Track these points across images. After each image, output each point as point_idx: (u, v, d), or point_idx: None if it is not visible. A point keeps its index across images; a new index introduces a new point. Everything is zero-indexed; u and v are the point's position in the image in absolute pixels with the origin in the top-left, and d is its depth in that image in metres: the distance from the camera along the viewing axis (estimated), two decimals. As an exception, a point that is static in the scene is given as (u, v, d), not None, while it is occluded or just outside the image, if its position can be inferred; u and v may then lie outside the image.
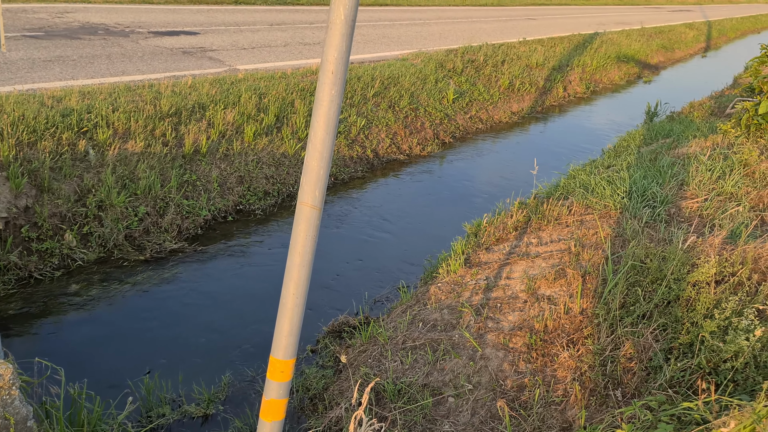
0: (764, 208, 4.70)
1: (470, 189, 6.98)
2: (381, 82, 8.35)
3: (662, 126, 8.63)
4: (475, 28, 16.63)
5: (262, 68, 8.26)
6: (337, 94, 1.37)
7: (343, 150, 6.88)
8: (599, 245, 4.10)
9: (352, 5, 1.32)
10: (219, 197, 5.44)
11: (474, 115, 9.52)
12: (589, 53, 15.14)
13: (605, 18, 27.01)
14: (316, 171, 1.40)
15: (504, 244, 4.75)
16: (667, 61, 19.64)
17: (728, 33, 32.40)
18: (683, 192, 4.95)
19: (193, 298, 4.31)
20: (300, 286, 1.46)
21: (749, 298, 3.07)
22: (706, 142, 6.58)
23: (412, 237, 5.63)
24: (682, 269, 3.29)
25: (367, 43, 11.86)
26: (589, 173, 5.91)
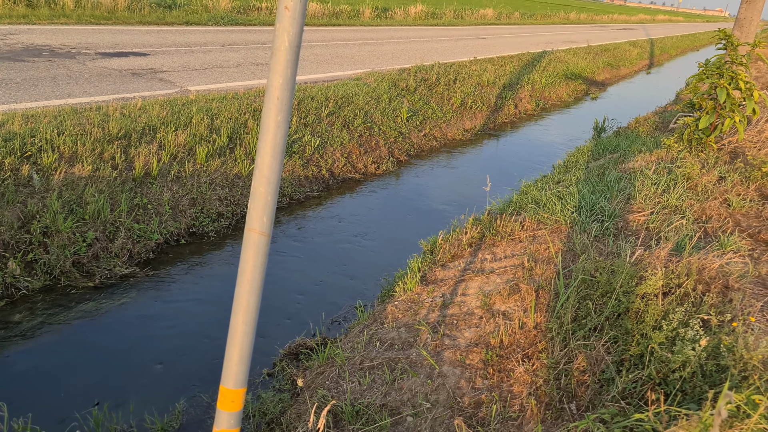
0: (707, 220, 4.87)
1: (426, 206, 7.04)
2: (335, 102, 8.37)
3: (609, 141, 8.88)
4: (427, 48, 16.86)
5: (214, 89, 8.20)
6: (283, 120, 1.37)
7: (298, 170, 6.85)
8: (551, 260, 4.17)
9: (296, 32, 1.33)
10: (171, 220, 5.35)
11: (428, 133, 9.62)
12: (538, 71, 15.51)
13: (553, 37, 27.75)
14: (263, 197, 1.40)
15: (459, 260, 4.79)
16: (613, 77, 20.26)
17: (670, 51, 33.67)
18: (630, 206, 5.09)
19: (144, 324, 4.21)
20: (249, 314, 1.45)
21: (695, 308, 3.17)
22: (651, 156, 6.79)
23: (369, 255, 5.63)
24: (631, 282, 3.37)
25: (320, 63, 11.90)
26: (540, 189, 6.03)
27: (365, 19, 23.26)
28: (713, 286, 3.46)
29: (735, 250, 4.21)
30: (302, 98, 8.07)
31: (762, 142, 6.98)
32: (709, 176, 5.68)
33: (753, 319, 2.99)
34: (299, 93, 8.28)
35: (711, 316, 2.98)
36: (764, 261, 4.24)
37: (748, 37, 8.66)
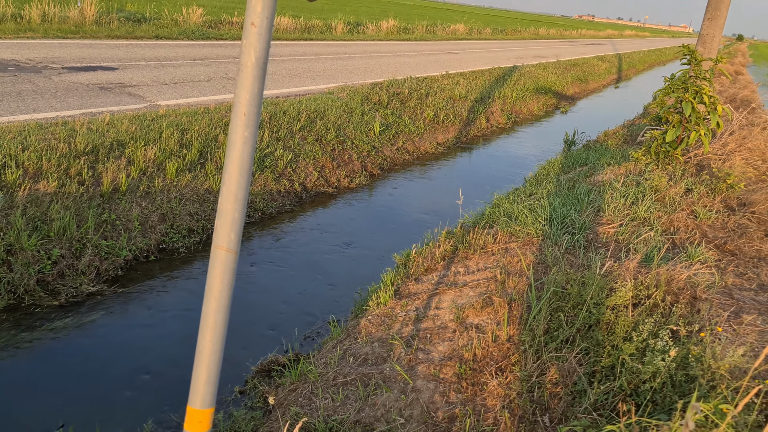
0: (674, 231, 4.95)
1: (399, 219, 7.04)
2: (307, 116, 8.36)
3: (579, 154, 9.01)
4: (399, 62, 16.97)
5: (185, 103, 8.13)
6: (250, 136, 1.35)
7: (270, 184, 6.81)
8: (523, 272, 4.20)
9: (263, 48, 1.32)
10: (140, 236, 5.26)
11: (401, 147, 9.65)
12: (509, 85, 15.70)
13: (523, 52, 28.15)
14: (230, 213, 1.38)
15: (433, 274, 4.80)
16: (583, 92, 20.60)
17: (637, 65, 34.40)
18: (600, 218, 5.15)
19: (112, 343, 4.12)
20: (217, 333, 1.42)
21: (664, 319, 3.21)
22: (619, 169, 6.90)
23: (343, 270, 5.61)
24: (601, 294, 3.41)
25: (292, 77, 11.89)
26: (512, 202, 6.08)
27: (337, 33, 23.35)
28: (682, 297, 3.51)
29: (702, 261, 4.28)
30: (274, 112, 8.04)
31: (726, 154, 7.14)
32: (676, 188, 5.78)
33: (720, 329, 3.04)
34: (271, 107, 8.25)
35: (680, 326, 3.02)
36: (730, 271, 4.32)
37: (711, 53, 8.88)
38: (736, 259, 4.68)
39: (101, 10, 14.99)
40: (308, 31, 21.89)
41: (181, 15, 17.53)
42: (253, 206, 6.45)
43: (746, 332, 3.21)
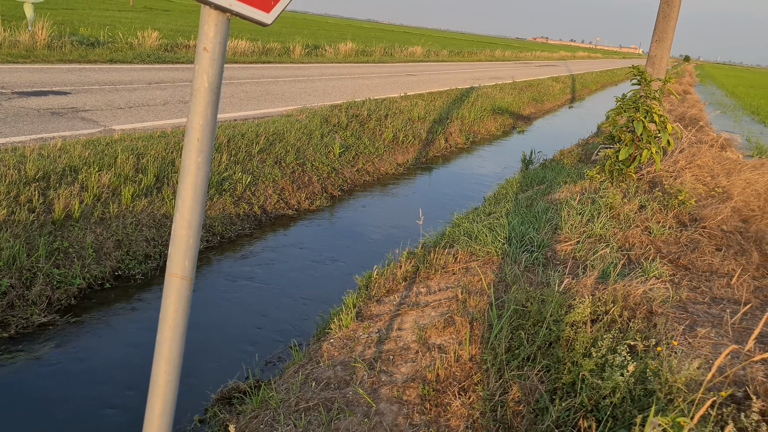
0: (630, 247, 5.05)
1: (361, 241, 7.03)
2: (266, 138, 8.32)
3: (537, 173, 9.17)
4: (358, 84, 17.07)
5: (141, 128, 8.00)
6: (204, 161, 1.34)
7: (228, 208, 6.73)
8: (484, 291, 4.22)
9: (216, 73, 1.31)
10: (95, 264, 5.13)
11: (361, 168, 9.67)
12: (467, 106, 15.94)
13: (480, 73, 28.66)
14: (185, 240, 1.35)
15: (394, 295, 4.79)
16: (538, 112, 21.04)
17: (590, 85, 35.34)
18: (558, 235, 5.24)
19: (64, 375, 3.98)
20: (172, 363, 1.38)
21: (622, 334, 3.26)
22: (575, 187, 7.03)
23: (303, 293, 5.55)
24: (560, 311, 3.45)
25: (250, 100, 11.84)
26: (472, 221, 6.13)
27: (296, 56, 23.39)
28: (638, 312, 3.58)
29: (657, 276, 4.38)
30: (232, 135, 7.98)
31: (677, 171, 7.36)
32: (630, 205, 5.92)
33: (675, 343, 3.10)
34: (229, 130, 8.19)
35: (637, 341, 3.07)
36: (684, 285, 4.43)
37: (660, 73, 9.18)
38: (689, 274, 4.80)
39: (53, 34, 14.71)
40: (266, 53, 21.88)
41: (136, 39, 17.33)
42: (212, 230, 6.36)
43: (701, 345, 3.28)
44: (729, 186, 6.94)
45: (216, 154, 7.34)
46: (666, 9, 9.16)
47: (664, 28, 9.23)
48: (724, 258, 5.14)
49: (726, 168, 7.62)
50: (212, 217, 6.48)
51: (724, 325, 3.63)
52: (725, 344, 3.32)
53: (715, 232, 5.64)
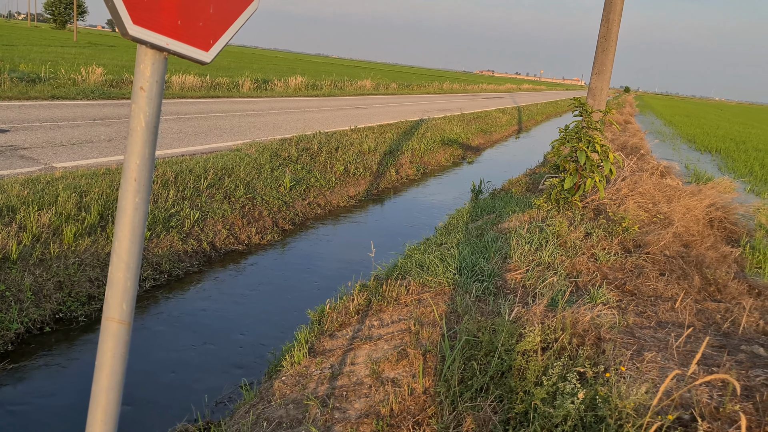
0: (577, 274, 5.15)
1: (313, 274, 6.97)
2: (215, 173, 8.22)
3: (486, 203, 9.31)
4: (308, 118, 17.12)
5: (84, 165, 7.81)
6: (141, 201, 1.30)
7: (176, 245, 6.59)
8: (437, 323, 4.22)
9: (153, 112, 1.29)
10: (34, 307, 4.92)
11: (312, 201, 9.64)
12: (417, 138, 16.14)
13: (428, 106, 29.14)
14: (122, 283, 1.31)
15: (347, 329, 4.74)
16: (487, 143, 21.45)
17: (536, 117, 36.31)
18: (508, 264, 5.30)
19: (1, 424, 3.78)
20: (109, 412, 1.32)
21: (572, 362, 3.30)
22: (524, 216, 7.16)
23: (256, 329, 5.45)
24: (511, 340, 3.47)
25: (198, 134, 11.71)
26: (423, 252, 6.16)
27: (245, 90, 23.35)
28: (587, 339, 3.63)
29: (604, 302, 4.47)
30: (180, 171, 7.86)
31: (620, 199, 7.58)
32: (576, 233, 6.06)
33: (623, 369, 3.15)
34: (177, 166, 8.07)
35: (586, 368, 3.11)
36: (631, 311, 4.53)
37: (600, 105, 9.52)
38: (635, 299, 4.92)
39: (-8, 70, 14.34)
40: (215, 88, 21.77)
41: (79, 75, 17.01)
42: (159, 268, 6.21)
43: (648, 369, 3.35)
44: (670, 212, 7.19)
45: (163, 190, 7.20)
46: (604, 44, 9.54)
47: (602, 62, 9.60)
48: (668, 282, 5.29)
49: (666, 195, 7.90)
50: (159, 254, 6.33)
51: (669, 348, 3.72)
52: (671, 368, 3.39)
53: (659, 257, 5.81)
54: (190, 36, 1.33)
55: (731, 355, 3.77)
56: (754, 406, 2.93)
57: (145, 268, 6.04)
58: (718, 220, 8.03)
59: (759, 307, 5.10)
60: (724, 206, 8.22)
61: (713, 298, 5.26)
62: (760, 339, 4.30)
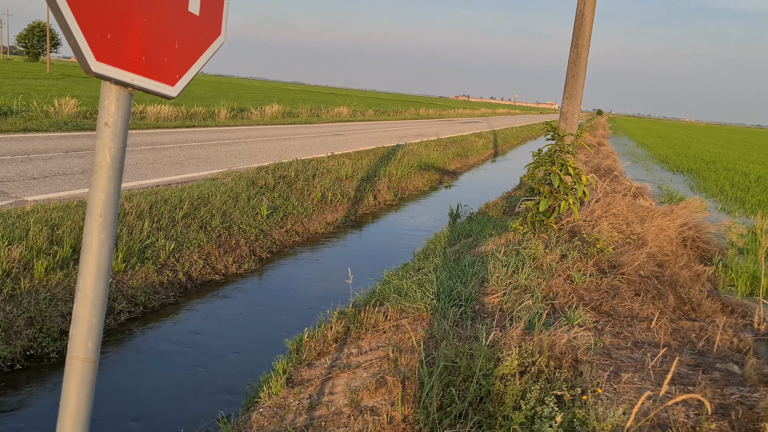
0: (554, 296, 5.18)
1: (291, 303, 6.91)
2: (190, 203, 8.17)
3: (464, 226, 9.36)
4: (284, 145, 17.14)
5: (56, 198, 7.71)
6: (107, 237, 1.29)
7: (151, 276, 6.51)
8: (415, 349, 4.21)
9: (119, 148, 1.29)
10: (4, 344, 4.81)
11: (290, 229, 9.61)
12: (394, 163, 16.22)
13: (405, 131, 29.36)
14: (87, 320, 1.29)
15: (325, 357, 4.71)
16: (463, 167, 21.63)
17: (511, 140, 36.74)
18: (485, 288, 5.32)
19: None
20: (75, 453, 1.30)
21: (549, 385, 3.30)
22: (500, 239, 7.21)
23: (234, 360, 5.37)
24: (489, 364, 3.47)
25: (173, 165, 11.66)
26: (401, 277, 6.15)
27: (221, 119, 23.34)
28: (564, 361, 3.65)
29: (581, 324, 4.49)
30: (155, 202, 7.80)
31: (594, 220, 7.67)
32: (552, 255, 6.10)
33: (600, 390, 3.16)
34: (152, 196, 8.01)
35: (564, 391, 3.11)
36: (607, 332, 4.56)
37: (572, 128, 9.67)
38: (611, 320, 4.95)
39: (-38, 104, 14.17)
40: (190, 118, 21.73)
41: (52, 107, 16.88)
42: (134, 300, 6.12)
43: (625, 390, 3.36)
44: (643, 232, 7.28)
45: (137, 221, 7.14)
46: (574, 69, 9.72)
47: (573, 86, 9.77)
48: (643, 302, 5.34)
49: (639, 215, 8.01)
50: (134, 286, 6.24)
51: (646, 369, 3.74)
52: (648, 388, 3.41)
53: (633, 277, 5.87)
54: (155, 71, 1.34)
55: (706, 373, 3.80)
56: (730, 425, 2.95)
57: (119, 300, 5.95)
58: (691, 239, 8.15)
59: (732, 324, 5.17)
60: (696, 225, 8.36)
61: (688, 316, 5.32)
62: (734, 356, 4.35)
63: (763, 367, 3.84)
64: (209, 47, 1.49)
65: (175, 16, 1.36)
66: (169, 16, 1.34)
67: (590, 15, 9.57)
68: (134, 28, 1.26)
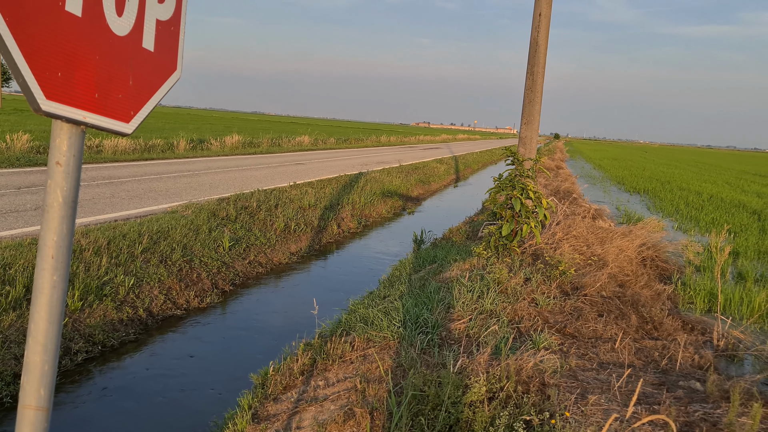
0: (519, 320, 5.21)
1: (255, 336, 6.79)
2: (150, 237, 8.01)
3: (428, 252, 9.38)
4: (246, 176, 17.02)
5: (8, 236, 7.48)
6: (60, 279, 1.25)
7: (110, 314, 6.34)
8: (383, 379, 4.17)
9: (71, 186, 1.25)
10: (-46, 390, 4.60)
11: (253, 260, 9.49)
12: (357, 191, 16.24)
13: (367, 159, 29.49)
14: (39, 367, 1.24)
15: (292, 391, 4.62)
16: (426, 193, 21.78)
17: (472, 165, 37.18)
18: (451, 314, 5.32)
19: None
20: None
21: (518, 410, 3.30)
22: (465, 264, 7.24)
23: (197, 397, 5.23)
24: (457, 392, 3.45)
25: (132, 198, 11.45)
26: (367, 306, 6.11)
27: (180, 151, 23.10)
28: (532, 385, 3.65)
29: (546, 347, 4.52)
30: (113, 237, 7.63)
31: (556, 243, 7.78)
32: (516, 279, 6.15)
33: (568, 414, 3.17)
34: (109, 232, 7.83)
35: (532, 416, 3.11)
36: (573, 353, 4.59)
37: (531, 153, 9.86)
38: (576, 341, 4.99)
39: None
40: (149, 150, 21.46)
41: (4, 142, 16.48)
42: (92, 340, 5.93)
43: (592, 412, 3.38)
44: (604, 254, 7.41)
45: (95, 257, 6.96)
46: (530, 95, 9.95)
47: (530, 112, 9.99)
48: (607, 323, 5.41)
49: (599, 237, 8.16)
50: (92, 325, 6.06)
51: (612, 390, 3.77)
52: (615, 409, 3.44)
53: (596, 298, 5.95)
54: (109, 109, 1.31)
55: (670, 391, 3.86)
56: (696, 443, 2.98)
57: (76, 340, 5.76)
58: (650, 259, 8.32)
59: (693, 342, 5.26)
60: (654, 245, 8.55)
61: (650, 335, 5.40)
62: (696, 374, 4.42)
63: (723, 383, 3.91)
64: (165, 83, 1.47)
65: (128, 52, 1.34)
66: (123, 52, 1.32)
67: (544, 43, 9.83)
68: (86, 66, 1.23)
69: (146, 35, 1.40)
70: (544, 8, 9.78)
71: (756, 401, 3.38)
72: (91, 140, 20.21)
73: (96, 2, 1.24)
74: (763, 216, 15.43)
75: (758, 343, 5.57)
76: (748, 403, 3.39)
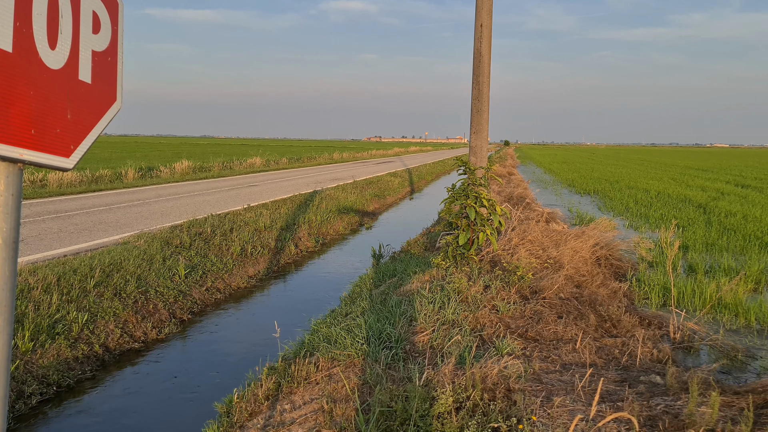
0: (481, 328, 5.25)
1: (218, 364, 6.66)
2: (102, 271, 7.80)
3: (387, 267, 9.38)
4: (198, 201, 16.77)
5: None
6: (4, 323, 1.20)
7: (64, 352, 6.13)
8: (350, 397, 4.13)
9: (12, 226, 1.21)
10: None
11: (210, 287, 9.33)
12: (313, 210, 16.17)
13: (321, 177, 29.43)
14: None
15: (258, 417, 4.54)
16: (382, 207, 21.84)
17: (426, 177, 37.48)
18: (414, 327, 5.32)
19: None
20: None
21: (485, 418, 3.31)
22: (425, 276, 7.27)
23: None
24: (425, 405, 3.45)
25: (81, 232, 11.14)
26: (329, 325, 6.07)
27: (129, 180, 22.64)
28: (498, 392, 3.68)
29: (510, 353, 4.56)
30: (63, 272, 7.40)
31: (512, 248, 7.89)
32: (476, 287, 6.20)
33: (535, 418, 3.20)
34: (59, 268, 7.60)
35: (500, 423, 3.13)
36: (536, 357, 4.65)
37: (482, 161, 10.00)
38: (539, 345, 5.06)
39: None
40: (96, 182, 20.97)
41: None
42: (46, 381, 5.72)
43: (558, 414, 3.42)
44: (559, 256, 7.55)
45: (45, 295, 6.73)
46: (478, 105, 10.10)
47: (479, 121, 10.14)
48: (567, 324, 5.49)
49: (554, 240, 8.31)
50: (45, 365, 5.85)
51: (576, 390, 3.83)
52: (580, 409, 3.48)
53: (555, 301, 6.05)
54: (47, 144, 1.28)
55: (632, 387, 3.93)
56: (659, 436, 3.05)
57: (29, 382, 5.55)
58: (604, 258, 8.51)
59: (651, 336, 5.39)
60: (607, 244, 8.75)
61: (610, 333, 5.51)
62: (656, 367, 4.53)
63: (682, 375, 4.01)
64: (105, 114, 1.44)
65: (64, 85, 1.30)
66: (58, 86, 1.29)
67: (487, 53, 10.02)
68: (20, 102, 1.20)
69: (82, 67, 1.37)
70: (485, 19, 9.98)
71: (714, 390, 3.48)
72: (35, 174, 19.64)
73: (27, 37, 1.20)
74: (708, 209, 15.98)
75: (712, 333, 5.74)
76: (707, 393, 3.48)
